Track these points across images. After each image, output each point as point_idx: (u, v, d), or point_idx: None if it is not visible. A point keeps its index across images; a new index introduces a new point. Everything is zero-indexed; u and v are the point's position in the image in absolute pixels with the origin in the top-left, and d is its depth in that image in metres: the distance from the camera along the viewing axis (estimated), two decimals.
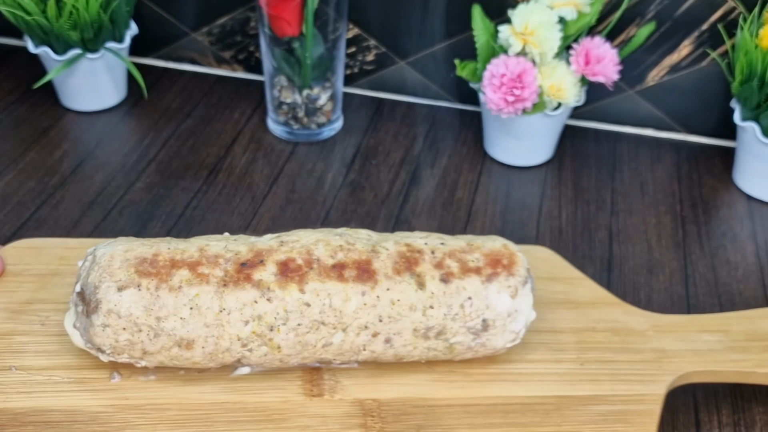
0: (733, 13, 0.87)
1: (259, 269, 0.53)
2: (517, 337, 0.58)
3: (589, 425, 0.56)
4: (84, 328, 0.53)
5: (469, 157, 0.91)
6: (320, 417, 0.54)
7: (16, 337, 0.57)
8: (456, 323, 0.55)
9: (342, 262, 0.54)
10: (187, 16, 1.00)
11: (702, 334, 0.64)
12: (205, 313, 0.52)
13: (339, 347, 0.54)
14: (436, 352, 0.56)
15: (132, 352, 0.53)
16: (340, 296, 0.53)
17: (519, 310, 0.56)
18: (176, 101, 0.98)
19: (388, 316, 0.54)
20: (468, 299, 0.55)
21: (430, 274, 0.55)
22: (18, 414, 0.52)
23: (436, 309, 0.54)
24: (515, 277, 0.56)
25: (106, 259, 0.52)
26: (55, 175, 0.85)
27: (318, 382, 0.56)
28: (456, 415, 0.55)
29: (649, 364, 0.61)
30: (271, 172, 0.88)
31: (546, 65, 0.83)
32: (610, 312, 0.65)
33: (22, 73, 1.00)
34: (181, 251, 0.53)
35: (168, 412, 0.53)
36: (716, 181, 0.90)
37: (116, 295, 0.51)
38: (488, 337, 0.56)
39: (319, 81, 0.90)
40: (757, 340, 0.64)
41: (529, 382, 0.58)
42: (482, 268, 0.56)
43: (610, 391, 0.58)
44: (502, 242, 0.59)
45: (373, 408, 0.55)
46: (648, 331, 0.64)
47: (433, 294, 0.54)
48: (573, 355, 0.61)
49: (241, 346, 0.53)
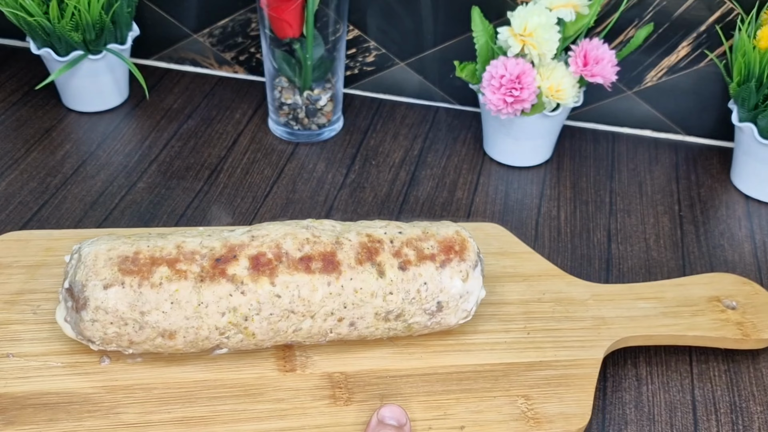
0: (731, 15, 0.88)
1: (232, 264, 0.57)
2: (468, 315, 0.63)
3: (534, 389, 0.61)
4: (74, 322, 0.56)
5: (469, 158, 0.92)
6: (293, 390, 0.59)
7: (11, 326, 0.60)
8: (413, 306, 0.60)
9: (309, 254, 0.58)
10: (188, 17, 1.00)
11: (638, 302, 0.70)
12: (184, 307, 0.56)
13: (308, 331, 0.59)
14: (396, 331, 0.62)
15: (120, 343, 0.57)
16: (307, 287, 0.58)
17: (470, 292, 0.62)
18: (178, 102, 0.98)
19: (352, 303, 0.59)
20: (424, 284, 0.60)
21: (389, 263, 0.60)
22: (18, 398, 0.55)
23: (395, 295, 0.60)
24: (466, 262, 0.62)
25: (90, 258, 0.56)
26: (57, 175, 0.86)
27: (290, 359, 0.61)
28: (415, 384, 0.61)
29: (588, 331, 0.67)
30: (271, 173, 0.88)
31: (545, 66, 0.83)
32: (554, 283, 0.70)
33: (24, 74, 1.01)
34: (160, 248, 0.57)
35: (154, 391, 0.57)
36: (714, 182, 0.90)
37: (102, 292, 0.55)
38: (442, 317, 0.62)
39: (320, 82, 0.91)
40: (687, 305, 0.70)
41: (481, 352, 0.64)
42: (436, 255, 0.61)
43: (553, 357, 0.64)
44: (455, 228, 0.64)
45: (341, 380, 0.60)
46: (589, 300, 0.69)
47: (392, 281, 0.59)
48: (520, 325, 0.66)
49: (219, 335, 0.57)
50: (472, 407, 0.60)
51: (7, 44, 1.06)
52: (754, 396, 0.67)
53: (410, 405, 0.60)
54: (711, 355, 0.70)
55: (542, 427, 0.59)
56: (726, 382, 0.68)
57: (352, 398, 0.59)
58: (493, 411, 0.60)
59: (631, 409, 0.65)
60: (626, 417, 0.65)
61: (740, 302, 0.71)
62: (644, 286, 0.72)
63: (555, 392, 0.62)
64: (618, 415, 0.65)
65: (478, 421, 0.59)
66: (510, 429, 0.59)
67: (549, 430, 0.59)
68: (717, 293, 0.72)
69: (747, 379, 0.68)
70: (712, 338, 0.68)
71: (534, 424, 0.59)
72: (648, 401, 0.66)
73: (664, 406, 0.66)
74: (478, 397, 0.60)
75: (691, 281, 0.73)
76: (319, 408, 0.58)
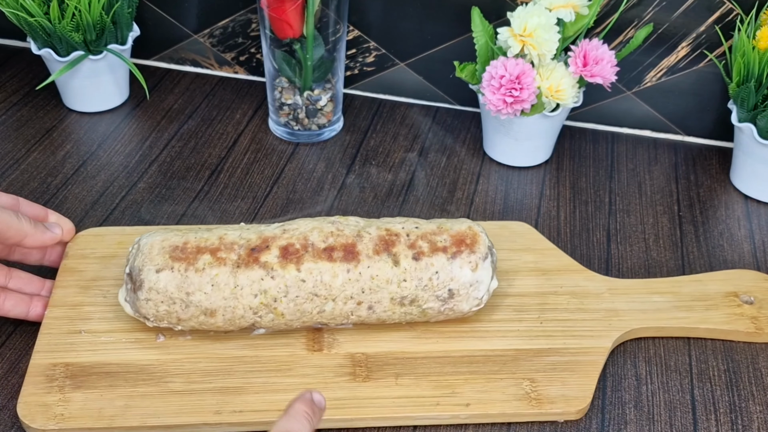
0: (731, 15, 0.88)
1: (265, 253, 0.65)
2: (480, 303, 0.68)
3: (540, 373, 0.66)
4: (132, 301, 0.65)
5: (468, 158, 0.92)
6: (318, 367, 0.66)
7: (84, 308, 0.69)
8: (426, 293, 0.66)
9: (332, 245, 0.65)
10: (188, 18, 1.00)
11: (653, 296, 0.73)
12: (223, 289, 0.64)
13: (331, 313, 0.66)
14: (412, 316, 0.67)
15: (170, 320, 0.65)
16: (329, 273, 0.65)
17: (480, 281, 0.67)
18: (178, 102, 0.99)
19: (369, 288, 0.65)
20: (435, 273, 0.66)
21: (404, 253, 0.66)
22: (86, 367, 0.65)
23: (408, 281, 0.66)
24: (476, 253, 0.67)
25: (147, 247, 0.65)
26: (58, 176, 0.86)
27: (319, 340, 0.68)
28: (428, 365, 0.66)
29: (600, 321, 0.70)
30: (272, 173, 0.89)
31: (544, 67, 0.83)
32: (572, 278, 0.74)
33: (25, 74, 1.01)
34: (205, 239, 0.66)
35: (199, 363, 0.66)
36: (713, 182, 0.90)
37: (155, 275, 0.64)
38: (455, 303, 0.67)
39: (320, 82, 0.91)
40: (702, 300, 0.73)
41: (493, 338, 0.69)
42: (448, 247, 0.66)
43: (562, 345, 0.68)
44: (468, 224, 0.69)
45: (362, 360, 0.67)
46: (604, 293, 0.73)
47: (405, 270, 0.65)
48: (534, 315, 0.71)
49: (253, 314, 0.65)
50: (479, 387, 0.65)
51: (7, 45, 1.06)
52: (754, 396, 0.67)
53: (421, 383, 0.65)
54: (710, 355, 0.70)
55: (543, 407, 0.63)
56: (725, 381, 0.68)
57: (370, 376, 0.65)
58: (498, 391, 0.64)
59: (631, 409, 0.66)
60: (626, 417, 0.65)
61: (758, 298, 0.73)
62: (661, 281, 0.75)
63: (560, 376, 0.65)
64: (617, 415, 0.65)
65: (482, 400, 0.64)
66: (512, 408, 0.63)
67: (549, 410, 0.63)
68: (735, 289, 0.74)
69: (746, 378, 0.68)
70: (724, 331, 0.70)
71: (536, 405, 0.64)
72: (647, 401, 0.66)
73: (663, 406, 0.66)
74: (485, 379, 0.65)
75: (709, 277, 0.75)
76: (340, 383, 0.65)
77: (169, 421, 0.61)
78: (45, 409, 0.61)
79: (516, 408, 0.63)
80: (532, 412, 0.63)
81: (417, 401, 0.64)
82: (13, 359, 0.67)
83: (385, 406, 0.63)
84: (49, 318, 0.68)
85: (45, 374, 0.64)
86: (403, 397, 0.64)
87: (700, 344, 0.71)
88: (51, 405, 0.62)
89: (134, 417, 0.61)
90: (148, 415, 0.62)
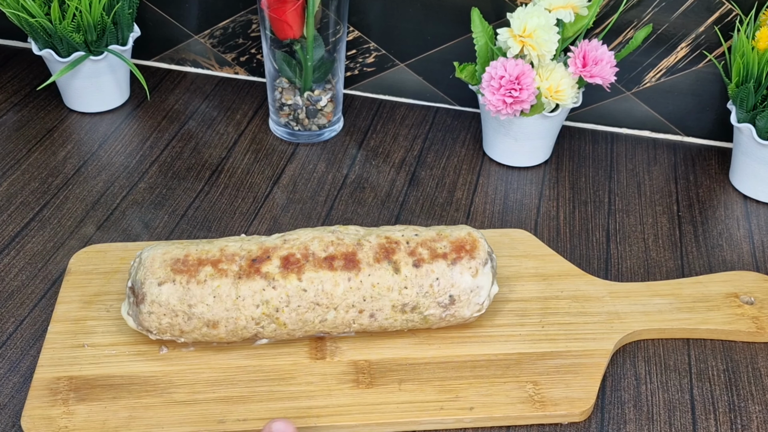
0: (730, 16, 0.88)
1: (266, 263, 0.65)
2: (481, 308, 0.68)
3: (543, 376, 0.66)
4: (135, 315, 0.66)
5: (468, 158, 0.92)
6: (322, 375, 0.66)
7: (88, 322, 0.70)
8: (427, 299, 0.66)
9: (332, 254, 0.66)
10: (189, 18, 1.01)
11: (654, 298, 0.73)
12: (225, 300, 0.64)
13: (333, 322, 0.66)
14: (413, 323, 0.68)
15: (172, 332, 0.65)
16: (330, 282, 0.65)
17: (480, 286, 0.67)
18: (179, 103, 0.99)
19: (371, 296, 0.65)
20: (436, 279, 0.66)
21: (404, 261, 0.66)
22: (89, 380, 0.65)
23: (409, 289, 0.66)
24: (476, 259, 0.67)
25: (149, 260, 0.65)
26: (59, 176, 0.86)
27: (322, 348, 0.68)
28: (431, 370, 0.67)
29: (602, 324, 0.71)
30: (272, 173, 0.89)
31: (544, 67, 0.83)
32: (573, 282, 0.74)
33: (26, 74, 1.01)
34: (206, 251, 0.66)
35: (203, 374, 0.66)
36: (713, 182, 0.91)
37: (157, 288, 0.64)
38: (456, 309, 0.67)
39: (320, 83, 0.91)
40: (703, 301, 0.73)
41: (496, 343, 0.69)
42: (448, 254, 0.67)
43: (565, 348, 0.69)
44: (467, 230, 0.69)
45: (365, 367, 0.67)
46: (605, 297, 0.73)
47: (406, 277, 0.66)
48: (536, 320, 0.71)
49: (255, 324, 0.65)
50: (482, 391, 0.65)
51: (8, 45, 1.06)
52: (753, 395, 0.67)
53: (424, 388, 0.65)
54: (710, 355, 0.70)
55: (547, 409, 0.64)
56: (724, 381, 0.68)
57: (373, 382, 0.66)
58: (501, 395, 0.65)
59: (630, 409, 0.66)
60: (625, 416, 0.65)
61: (759, 298, 0.73)
62: (662, 283, 0.75)
63: (563, 379, 0.66)
64: (617, 415, 0.65)
65: (486, 403, 0.64)
66: (516, 410, 0.64)
67: (553, 412, 0.64)
68: (736, 290, 0.74)
69: (745, 378, 0.69)
70: (725, 331, 0.71)
71: (539, 407, 0.64)
72: (647, 401, 0.66)
73: (662, 406, 0.66)
74: (488, 383, 0.66)
75: (710, 279, 0.76)
76: (344, 390, 0.65)
77: (173, 430, 0.62)
78: (49, 422, 0.61)
79: (520, 411, 0.64)
80: (536, 414, 0.64)
81: (421, 406, 0.64)
82: (14, 359, 0.68)
83: (390, 412, 0.63)
84: (53, 333, 0.68)
85: (49, 388, 0.64)
86: (407, 402, 0.64)
87: (699, 344, 0.71)
88: (55, 418, 0.62)
89: (138, 428, 0.62)
90: (152, 426, 0.62)
